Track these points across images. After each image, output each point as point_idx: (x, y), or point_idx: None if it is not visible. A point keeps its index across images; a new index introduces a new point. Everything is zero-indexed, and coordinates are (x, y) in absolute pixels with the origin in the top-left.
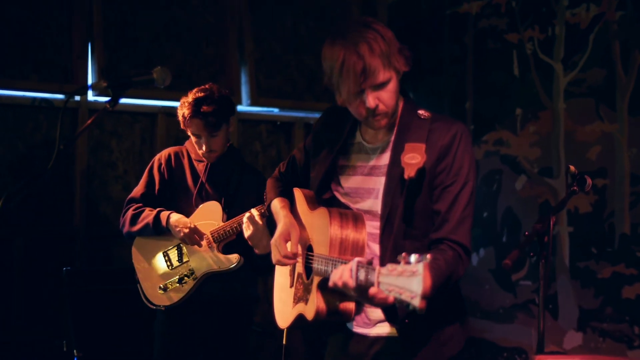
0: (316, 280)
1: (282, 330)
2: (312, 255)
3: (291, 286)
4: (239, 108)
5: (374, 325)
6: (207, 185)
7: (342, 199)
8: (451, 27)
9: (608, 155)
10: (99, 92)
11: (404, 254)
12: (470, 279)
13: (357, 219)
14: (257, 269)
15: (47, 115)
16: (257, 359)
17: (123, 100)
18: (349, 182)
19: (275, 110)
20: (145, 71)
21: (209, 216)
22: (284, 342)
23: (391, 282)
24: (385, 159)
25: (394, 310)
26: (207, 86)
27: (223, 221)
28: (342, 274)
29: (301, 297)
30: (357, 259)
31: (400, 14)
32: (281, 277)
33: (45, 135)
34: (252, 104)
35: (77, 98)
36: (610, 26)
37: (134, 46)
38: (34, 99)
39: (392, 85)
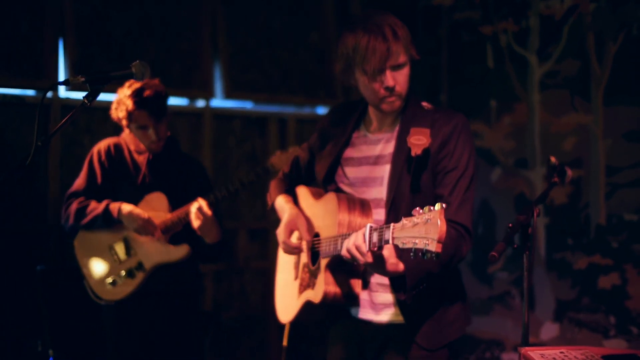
0: (324, 262)
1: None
2: (319, 241)
3: (295, 279)
4: (213, 103)
5: (381, 311)
6: (149, 176)
7: (347, 189)
8: (425, 19)
9: (583, 147)
10: (76, 88)
11: (417, 208)
12: None
13: (363, 204)
14: (205, 258)
15: (18, 111)
16: (233, 355)
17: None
18: (355, 172)
19: (249, 104)
20: (124, 65)
21: (155, 207)
22: (284, 344)
23: (406, 235)
24: (390, 147)
25: (403, 280)
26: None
27: (169, 212)
28: (356, 239)
29: (307, 284)
30: (370, 223)
31: (373, 7)
32: (283, 273)
33: (16, 132)
34: (226, 98)
35: (49, 94)
36: (584, 18)
37: (106, 41)
38: (5, 95)
39: (407, 70)
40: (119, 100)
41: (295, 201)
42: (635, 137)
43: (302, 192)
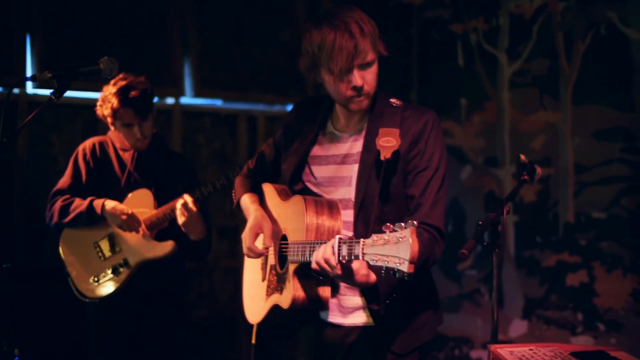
0: (292, 267)
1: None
2: (287, 245)
3: (263, 280)
4: (183, 100)
5: (349, 315)
6: (135, 174)
7: (315, 189)
8: (396, 18)
9: (552, 145)
10: (43, 84)
11: (388, 224)
12: None
13: (331, 206)
14: (191, 255)
15: None
16: (203, 354)
17: (64, 93)
18: (322, 171)
19: (219, 102)
20: (92, 62)
21: (140, 204)
22: (252, 342)
23: (377, 252)
24: (358, 146)
25: (376, 291)
26: (121, 75)
27: (155, 208)
28: (324, 252)
29: (275, 288)
30: (338, 235)
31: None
32: (251, 273)
33: None
34: (196, 95)
35: (16, 91)
36: (553, 17)
37: (75, 38)
38: None
39: (375, 68)
40: (104, 98)
41: (261, 200)
42: (603, 136)
43: (268, 190)
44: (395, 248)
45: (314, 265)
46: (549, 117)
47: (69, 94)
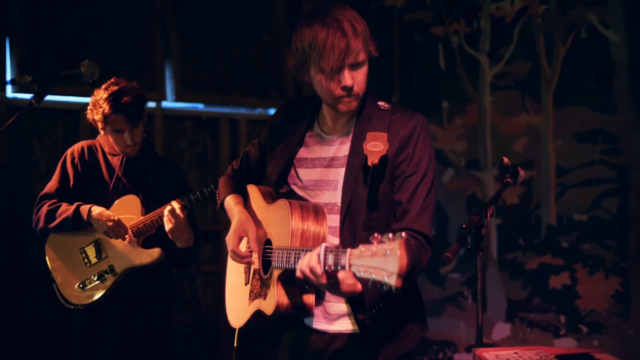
0: (276, 273)
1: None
2: (271, 249)
3: (246, 284)
4: (164, 104)
5: (335, 321)
6: (123, 179)
7: (300, 192)
8: (377, 20)
9: (534, 147)
10: (23, 88)
11: (376, 234)
12: None
13: (317, 211)
14: (177, 263)
15: None
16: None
17: (45, 97)
18: (308, 174)
19: (200, 105)
20: (73, 65)
21: (127, 210)
22: (234, 345)
23: (364, 264)
24: (345, 149)
25: (362, 301)
26: (113, 80)
27: (142, 215)
28: (310, 260)
29: (258, 293)
30: (324, 243)
31: None
32: (234, 275)
33: None
34: (177, 99)
35: None
36: (534, 19)
37: (55, 41)
38: None
39: (365, 68)
40: (95, 102)
41: (246, 201)
42: (584, 138)
43: (253, 192)
44: (384, 260)
45: (298, 274)
46: (530, 120)
47: (50, 98)
